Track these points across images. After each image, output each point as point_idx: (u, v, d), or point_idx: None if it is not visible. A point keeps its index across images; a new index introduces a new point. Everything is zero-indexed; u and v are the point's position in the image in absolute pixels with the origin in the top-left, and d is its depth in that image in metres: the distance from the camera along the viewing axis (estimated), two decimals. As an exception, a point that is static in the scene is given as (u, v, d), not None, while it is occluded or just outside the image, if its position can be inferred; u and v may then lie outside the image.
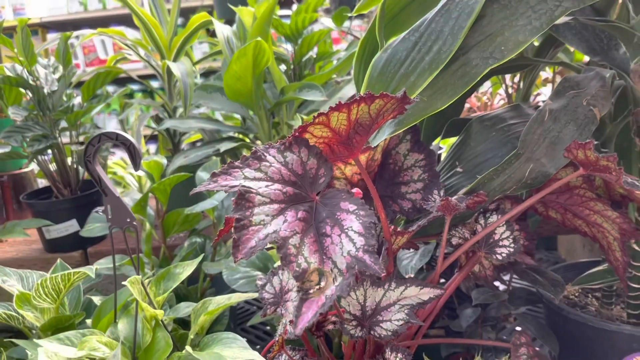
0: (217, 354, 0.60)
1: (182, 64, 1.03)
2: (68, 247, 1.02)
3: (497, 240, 0.60)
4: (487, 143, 0.60)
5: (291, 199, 0.41)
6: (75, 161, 1.04)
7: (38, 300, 0.75)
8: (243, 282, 0.75)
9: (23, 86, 0.98)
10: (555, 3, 0.45)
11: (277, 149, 0.43)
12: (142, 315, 0.65)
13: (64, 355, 0.62)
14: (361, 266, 0.38)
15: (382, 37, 0.51)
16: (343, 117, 0.43)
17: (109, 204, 0.63)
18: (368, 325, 0.54)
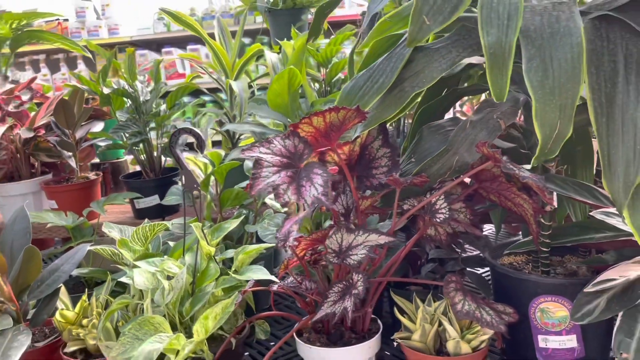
0: (247, 275, 0.92)
1: (240, 82, 1.36)
2: (152, 215, 1.38)
3: (437, 209, 0.87)
4: (432, 142, 0.88)
5: (285, 166, 0.71)
6: (159, 152, 1.40)
7: (132, 243, 1.09)
8: (271, 237, 1.06)
9: (126, 96, 1.35)
10: (456, 54, 0.74)
11: (281, 137, 0.74)
12: (201, 251, 0.98)
13: (149, 269, 0.95)
14: (320, 202, 0.68)
15: (352, 72, 0.81)
16: (320, 119, 0.74)
17: (183, 174, 0.96)
18: (342, 257, 0.83)
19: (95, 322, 0.98)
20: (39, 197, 1.44)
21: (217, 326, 0.83)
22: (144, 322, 0.85)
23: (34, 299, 1.00)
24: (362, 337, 0.92)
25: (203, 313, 0.93)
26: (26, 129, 1.34)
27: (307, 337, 0.93)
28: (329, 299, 0.84)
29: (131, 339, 0.85)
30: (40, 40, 1.75)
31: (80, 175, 1.42)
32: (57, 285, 0.99)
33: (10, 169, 1.41)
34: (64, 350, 0.96)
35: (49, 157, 1.41)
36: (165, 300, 0.91)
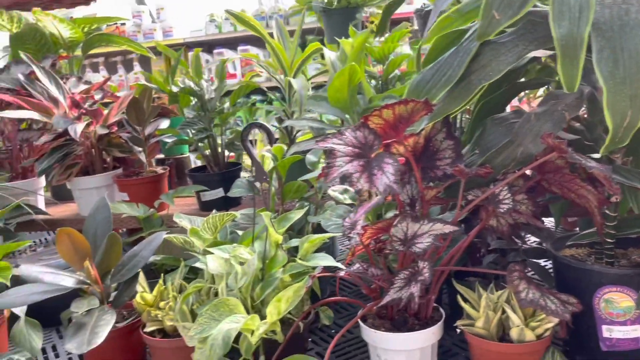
0: (314, 262, 0.96)
1: (299, 80, 1.41)
2: (216, 207, 1.45)
3: (501, 199, 0.89)
4: (495, 134, 0.90)
5: (357, 155, 0.75)
6: (223, 148, 1.47)
7: (203, 232, 1.16)
8: (333, 227, 1.11)
9: (192, 94, 1.43)
10: (522, 47, 0.76)
11: (351, 129, 0.78)
12: (270, 239, 1.03)
13: (221, 256, 1.01)
14: (391, 190, 0.71)
15: (419, 66, 0.84)
16: (390, 112, 0.77)
17: (254, 166, 1.01)
18: (408, 245, 0.87)
19: (172, 305, 1.05)
20: (111, 190, 1.54)
21: (289, 309, 0.88)
22: (220, 304, 0.91)
23: (116, 282, 1.08)
24: (425, 324, 0.95)
25: (275, 296, 0.99)
26: (101, 126, 1.43)
27: (371, 322, 0.97)
28: (395, 285, 0.87)
29: (208, 319, 0.91)
30: (109, 43, 1.86)
31: (149, 170, 1.51)
32: (137, 269, 1.07)
33: (85, 163, 1.51)
34: (144, 330, 1.03)
35: (120, 152, 1.50)
36: (238, 285, 0.97)
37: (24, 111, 1.39)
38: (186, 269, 1.14)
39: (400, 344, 0.92)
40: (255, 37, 4.16)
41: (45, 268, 1.03)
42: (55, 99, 1.49)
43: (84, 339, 0.94)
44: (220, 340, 0.84)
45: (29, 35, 1.61)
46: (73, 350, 0.92)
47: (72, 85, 1.61)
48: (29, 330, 1.13)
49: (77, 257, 1.08)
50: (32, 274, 0.99)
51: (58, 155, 1.39)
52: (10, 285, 1.05)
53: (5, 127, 1.44)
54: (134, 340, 1.10)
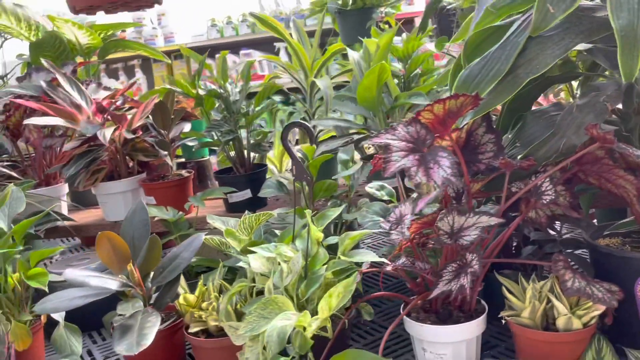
0: (357, 258, 0.98)
1: (323, 80, 1.43)
2: (243, 209, 1.45)
3: (543, 191, 0.91)
4: (536, 127, 0.91)
5: (411, 150, 0.77)
6: (248, 149, 1.48)
7: (239, 232, 1.17)
8: (370, 224, 1.12)
9: (217, 97, 1.44)
10: (569, 40, 0.77)
11: (403, 124, 0.79)
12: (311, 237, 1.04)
13: (264, 254, 1.02)
14: (449, 182, 0.73)
15: (465, 61, 0.86)
16: (441, 106, 0.79)
17: (294, 165, 1.02)
18: (455, 238, 0.88)
19: (215, 305, 1.05)
20: (136, 194, 1.54)
21: (340, 304, 0.89)
22: (268, 302, 0.92)
23: (157, 284, 1.09)
24: (470, 316, 0.96)
25: (319, 293, 1.00)
26: (127, 131, 1.44)
27: (415, 316, 0.98)
28: (443, 278, 0.88)
29: (257, 317, 0.92)
30: (125, 49, 1.87)
31: (175, 173, 1.52)
32: (179, 271, 1.08)
33: (110, 168, 1.51)
34: (189, 331, 1.04)
35: (145, 156, 1.51)
36: (283, 283, 0.98)
37: (49, 118, 1.40)
38: (225, 269, 1.15)
39: (448, 336, 0.93)
40: (257, 41, 4.16)
41: (90, 272, 1.03)
42: (78, 105, 1.49)
43: (132, 340, 0.95)
44: (275, 337, 0.85)
45: (48, 43, 1.61)
46: (123, 352, 0.92)
47: (92, 91, 1.62)
48: (69, 335, 1.13)
49: (117, 260, 1.09)
50: (78, 278, 1.00)
51: (85, 160, 1.40)
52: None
53: (30, 135, 1.44)
54: (175, 342, 1.11)
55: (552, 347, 0.91)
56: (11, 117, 1.48)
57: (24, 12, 1.60)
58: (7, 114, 1.48)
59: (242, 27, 4.04)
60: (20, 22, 1.62)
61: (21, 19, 1.61)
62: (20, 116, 1.48)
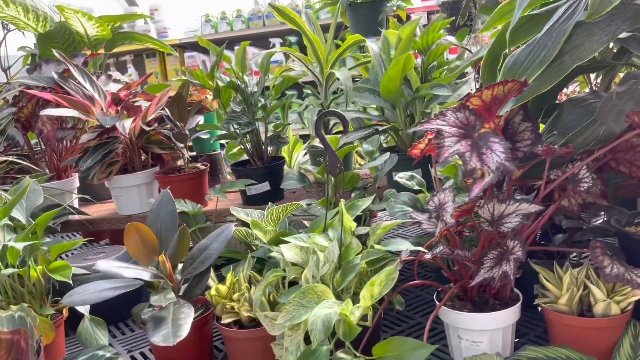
0: (392, 247, 0.97)
1: (343, 72, 1.42)
2: (260, 201, 1.45)
3: (581, 178, 0.92)
4: (574, 115, 0.92)
5: (462, 135, 0.77)
6: (266, 142, 1.47)
7: (265, 223, 1.16)
8: (400, 214, 1.12)
9: (236, 89, 1.42)
10: (615, 27, 0.78)
11: (452, 110, 0.79)
12: (344, 227, 1.04)
13: (297, 244, 1.01)
14: (504, 167, 0.73)
15: (509, 48, 0.86)
16: (489, 92, 0.79)
17: (328, 155, 1.02)
18: (495, 225, 0.89)
19: (246, 296, 1.04)
20: (151, 187, 1.52)
21: (382, 292, 0.88)
22: (307, 291, 0.92)
23: (187, 276, 1.07)
24: (506, 304, 0.97)
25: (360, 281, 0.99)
26: (143, 123, 1.42)
27: (451, 304, 0.98)
28: (485, 265, 0.89)
29: (296, 306, 0.91)
30: (132, 41, 1.84)
31: (191, 166, 1.50)
32: (209, 263, 1.06)
33: (124, 161, 1.49)
34: (221, 322, 1.03)
35: (161, 148, 1.49)
36: (320, 272, 0.97)
37: (64, 109, 1.37)
38: (253, 260, 1.14)
39: (485, 324, 0.94)
40: (254, 37, 4.11)
41: (121, 263, 1.01)
42: (91, 96, 1.47)
43: (168, 332, 0.93)
44: (320, 325, 0.84)
45: (58, 34, 1.58)
46: (160, 342, 0.91)
47: (103, 83, 1.59)
48: (95, 328, 1.11)
49: (145, 251, 1.07)
50: (111, 269, 0.98)
51: (101, 153, 1.37)
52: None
53: (44, 127, 1.41)
54: (204, 333, 1.10)
55: (589, 332, 0.92)
56: (24, 109, 1.44)
57: (32, 3, 1.57)
58: (19, 105, 1.45)
59: (237, 23, 4.01)
60: (28, 13, 1.59)
61: (29, 10, 1.57)
62: (32, 108, 1.45)
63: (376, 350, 0.87)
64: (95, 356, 0.93)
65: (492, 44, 1.00)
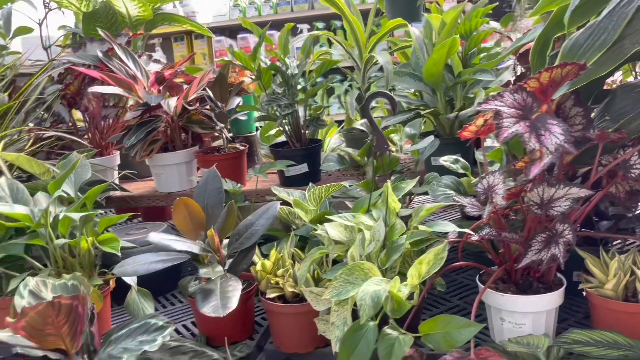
0: (437, 228, 0.98)
1: (384, 56, 1.43)
2: (298, 183, 1.46)
3: (632, 165, 0.92)
4: (627, 101, 0.92)
5: (520, 117, 0.77)
6: (305, 124, 1.48)
7: (308, 203, 1.18)
8: (442, 197, 1.13)
9: (277, 71, 1.44)
10: (679, 11, 0.78)
11: (509, 92, 0.80)
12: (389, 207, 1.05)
13: (342, 223, 1.03)
14: (563, 149, 0.73)
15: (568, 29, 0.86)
16: (547, 75, 0.79)
17: (375, 135, 1.03)
18: (545, 209, 0.89)
19: (291, 272, 1.07)
20: (190, 167, 1.55)
21: (430, 272, 0.90)
22: (354, 268, 0.93)
23: (233, 251, 1.10)
24: (549, 288, 0.98)
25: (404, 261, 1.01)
26: (184, 102, 1.44)
27: (495, 286, 0.99)
28: (533, 248, 0.90)
29: (343, 282, 0.93)
30: (172, 22, 1.86)
31: (230, 146, 1.52)
32: (255, 239, 1.09)
33: (165, 140, 1.51)
34: (266, 297, 1.05)
35: (201, 128, 1.51)
36: (366, 251, 0.99)
37: (110, 87, 1.40)
38: (296, 238, 1.16)
39: (530, 306, 0.95)
40: (279, 22, 4.14)
41: (172, 236, 1.04)
42: (134, 75, 1.49)
43: (217, 303, 0.96)
44: (369, 301, 0.86)
45: (102, 13, 1.61)
46: (210, 313, 0.94)
47: (144, 63, 1.62)
48: (141, 299, 1.15)
49: (193, 226, 1.10)
50: (162, 241, 1.01)
51: (145, 130, 1.40)
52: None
53: (89, 104, 1.44)
54: (247, 307, 1.12)
55: (634, 318, 0.93)
56: (70, 86, 1.48)
57: (77, -18, 1.60)
58: (65, 82, 1.48)
59: (265, 8, 4.01)
60: (72, -8, 1.62)
61: (72, -10, 1.60)
62: (78, 85, 1.48)
63: (423, 327, 0.89)
64: (147, 324, 0.96)
65: (542, 29, 1.00)
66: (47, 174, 1.31)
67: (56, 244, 1.11)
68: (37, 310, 0.83)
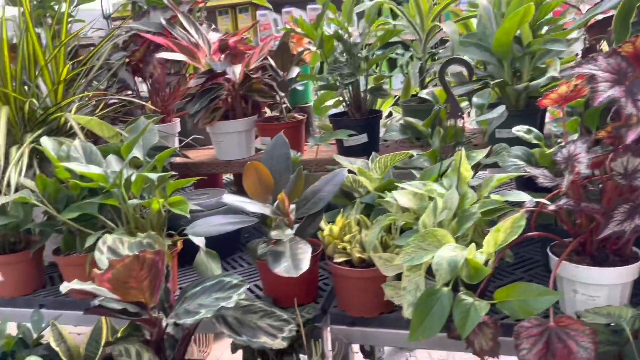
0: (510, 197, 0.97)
1: (449, 25, 1.40)
2: (357, 153, 1.46)
3: None
4: None
5: (615, 81, 0.75)
6: (365, 94, 1.48)
7: (373, 171, 1.18)
8: (513, 168, 1.11)
9: (339, 39, 1.43)
10: None
11: (603, 56, 0.78)
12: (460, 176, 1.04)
13: (413, 190, 1.02)
14: (660, 114, 0.71)
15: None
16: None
17: (450, 102, 1.02)
18: (630, 179, 0.87)
19: (358, 237, 1.07)
20: (249, 135, 1.57)
21: (507, 240, 0.89)
22: (427, 234, 0.93)
23: (301, 215, 1.11)
24: (625, 261, 0.96)
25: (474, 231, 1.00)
26: (246, 70, 1.45)
27: (569, 258, 0.98)
28: (615, 219, 0.88)
29: (415, 248, 0.93)
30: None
31: (289, 115, 1.53)
32: (323, 204, 1.10)
33: (227, 108, 1.53)
34: (334, 261, 1.07)
35: (261, 97, 1.52)
36: (438, 218, 0.99)
37: (175, 54, 1.42)
38: (362, 206, 1.16)
39: (606, 278, 0.93)
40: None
41: (244, 198, 1.06)
42: (196, 43, 1.51)
43: (289, 264, 0.98)
44: (446, 266, 0.86)
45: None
46: (283, 273, 0.96)
47: (205, 31, 1.63)
48: (209, 260, 1.18)
49: (261, 190, 1.11)
50: (235, 202, 1.03)
51: (208, 97, 1.42)
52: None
53: (154, 70, 1.46)
54: (312, 271, 1.14)
55: None
56: (135, 53, 1.51)
57: (140, -50, 1.61)
58: (131, 49, 1.51)
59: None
60: (134, -40, 1.63)
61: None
62: (144, 52, 1.51)
63: (498, 294, 0.89)
64: (222, 282, 0.99)
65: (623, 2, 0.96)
66: (115, 138, 1.35)
67: (130, 204, 1.15)
68: (123, 263, 0.86)
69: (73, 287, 0.89)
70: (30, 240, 1.33)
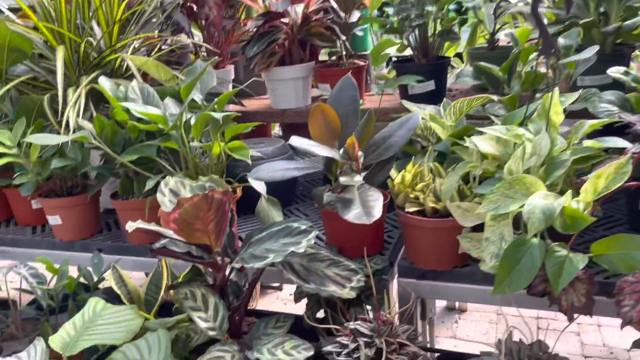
0: (604, 144, 0.88)
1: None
2: (421, 101, 1.36)
3: None
4: None
5: None
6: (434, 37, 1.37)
7: (446, 117, 1.09)
8: (605, 114, 1.01)
9: (406, -23, 1.32)
10: None
11: None
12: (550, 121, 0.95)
13: (495, 134, 0.94)
14: None
15: None
16: None
17: (542, 37, 0.92)
18: None
19: (431, 186, 1.00)
20: (306, 83, 1.49)
21: (609, 187, 0.80)
22: (515, 181, 0.85)
23: (370, 162, 1.04)
24: None
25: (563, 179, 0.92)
26: (306, 12, 1.37)
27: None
28: None
29: (501, 196, 0.85)
30: None
31: (350, 61, 1.45)
32: (394, 151, 1.03)
33: (284, 52, 1.46)
34: (406, 210, 1.00)
35: (321, 40, 1.44)
36: (525, 165, 0.90)
37: (232, -7, 1.34)
38: (435, 153, 1.09)
39: None
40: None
41: (312, 142, 1.00)
42: (253, -16, 1.43)
43: (360, 211, 0.92)
44: (540, 214, 0.78)
45: None
46: (354, 220, 0.90)
47: (259, -27, 1.54)
48: (270, 207, 1.13)
49: (328, 133, 1.05)
50: (303, 145, 0.97)
51: (266, 40, 1.35)
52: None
53: (210, 11, 1.39)
54: (380, 221, 1.08)
55: None
56: (191, -7, 1.44)
57: None
58: (187, -11, 1.44)
59: None
60: None
61: None
62: (199, -8, 1.44)
63: (597, 247, 0.81)
64: (289, 227, 0.94)
65: None
66: (172, 81, 1.30)
67: (191, 147, 1.10)
68: (192, 202, 0.82)
69: (139, 225, 0.86)
70: (87, 184, 1.31)
